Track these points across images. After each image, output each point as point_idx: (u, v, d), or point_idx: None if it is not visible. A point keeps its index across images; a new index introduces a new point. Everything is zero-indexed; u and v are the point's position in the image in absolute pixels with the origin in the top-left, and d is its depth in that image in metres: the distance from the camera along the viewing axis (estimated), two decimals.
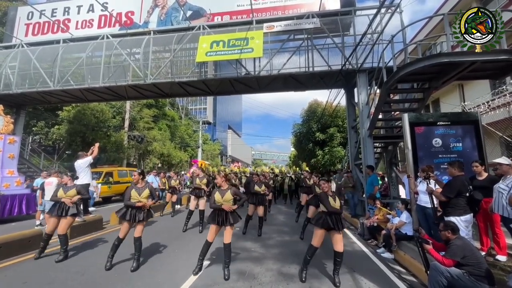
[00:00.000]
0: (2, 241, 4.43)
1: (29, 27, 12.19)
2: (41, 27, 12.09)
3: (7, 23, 12.94)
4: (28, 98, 12.15)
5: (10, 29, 12.42)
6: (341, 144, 16.79)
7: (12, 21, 12.46)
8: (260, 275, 3.91)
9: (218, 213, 3.93)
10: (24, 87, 11.07)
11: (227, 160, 59.57)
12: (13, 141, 9.25)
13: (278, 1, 10.28)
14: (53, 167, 15.28)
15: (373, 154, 7.93)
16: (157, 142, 23.78)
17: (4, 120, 9.42)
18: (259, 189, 6.47)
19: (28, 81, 11.07)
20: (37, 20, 12.11)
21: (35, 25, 12.15)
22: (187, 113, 40.77)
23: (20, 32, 12.13)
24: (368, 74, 8.52)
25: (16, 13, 12.52)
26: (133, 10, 11.32)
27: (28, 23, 12.22)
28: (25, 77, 11.11)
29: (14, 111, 12.87)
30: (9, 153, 9.12)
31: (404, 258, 4.47)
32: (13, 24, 12.37)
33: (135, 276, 3.80)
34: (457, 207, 3.65)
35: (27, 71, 10.90)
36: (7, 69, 11.10)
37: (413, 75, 5.71)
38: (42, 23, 12.05)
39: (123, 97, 12.44)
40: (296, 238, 6.08)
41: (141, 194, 4.20)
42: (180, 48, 10.23)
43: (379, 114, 7.21)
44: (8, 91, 11.03)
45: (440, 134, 5.19)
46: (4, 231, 6.19)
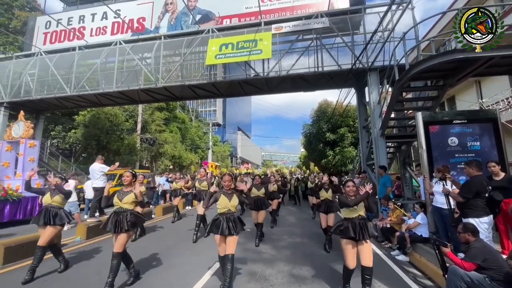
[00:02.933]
0: (24, 241, 4.64)
1: (47, 36, 12.73)
2: (58, 35, 12.60)
3: (27, 33, 13.58)
4: (46, 104, 12.66)
5: (29, 38, 13.02)
6: (352, 144, 16.53)
7: (32, 31, 13.06)
8: (271, 276, 3.90)
9: (225, 220, 3.43)
10: (43, 93, 11.54)
11: (237, 161, 59.79)
12: (33, 145, 9.67)
13: (286, 2, 10.27)
14: (70, 169, 15.83)
15: (385, 154, 7.75)
16: (169, 144, 24.18)
17: (24, 125, 9.88)
18: (257, 192, 5.97)
19: (47, 88, 11.54)
20: (54, 28, 12.63)
21: (52, 34, 12.68)
22: (197, 115, 41.30)
23: (39, 41, 12.69)
24: (379, 72, 8.36)
25: (35, 23, 13.11)
26: (145, 16, 11.61)
27: (46, 32, 12.77)
28: (44, 84, 11.59)
29: (33, 117, 13.45)
30: (30, 156, 9.54)
31: (420, 261, 4.34)
32: (32, 34, 12.96)
33: (148, 277, 3.87)
34: (475, 208, 3.51)
35: (45, 78, 11.37)
36: (27, 77, 11.63)
37: (426, 73, 5.55)
38: (59, 32, 12.55)
39: (136, 101, 12.75)
40: (306, 240, 6.03)
41: (122, 199, 3.48)
42: (190, 51, 10.40)
43: (391, 113, 7.05)
44: (28, 97, 11.55)
45: (456, 133, 5.01)
46: (25, 231, 6.48)
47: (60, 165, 16.39)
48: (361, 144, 9.70)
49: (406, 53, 5.86)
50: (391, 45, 7.67)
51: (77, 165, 17.70)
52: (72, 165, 17.28)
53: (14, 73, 11.91)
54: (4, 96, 11.78)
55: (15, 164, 9.83)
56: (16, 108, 11.74)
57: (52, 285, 3.60)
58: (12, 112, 12.08)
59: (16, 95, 11.72)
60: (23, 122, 10.04)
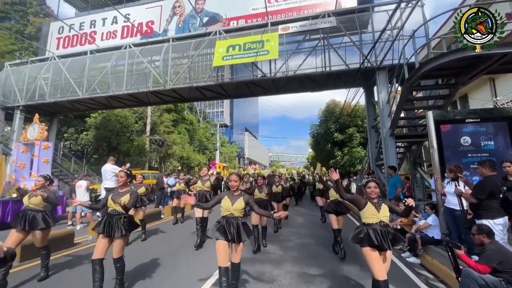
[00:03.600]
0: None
1: (60, 41, 13.13)
2: (71, 40, 12.97)
3: (41, 38, 14.04)
4: (59, 107, 13.04)
5: (43, 43, 13.46)
6: (361, 144, 16.30)
7: (45, 36, 13.50)
8: (279, 277, 3.90)
9: (227, 225, 3.06)
10: (56, 96, 11.90)
11: (245, 162, 59.90)
12: (47, 147, 9.98)
13: (293, 2, 10.26)
14: (82, 170, 16.24)
15: (395, 154, 7.63)
16: (177, 146, 24.48)
17: (39, 128, 10.21)
18: (259, 194, 5.60)
19: (60, 91, 11.89)
20: (67, 34, 13.02)
21: (65, 39, 13.07)
22: (205, 117, 41.66)
23: (52, 45, 13.10)
24: (388, 71, 8.23)
25: (48, 28, 13.55)
26: (153, 20, 11.82)
27: (59, 37, 13.17)
28: (57, 87, 11.95)
29: (47, 119, 13.88)
30: (44, 158, 9.85)
31: (432, 263, 4.24)
32: (46, 39, 13.40)
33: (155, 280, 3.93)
34: (490, 209, 3.41)
35: (58, 81, 11.73)
36: (41, 81, 12.01)
37: (437, 71, 5.43)
38: (71, 36, 12.93)
39: (145, 103, 12.98)
40: (314, 240, 5.98)
41: (116, 200, 3.27)
42: (198, 53, 10.51)
43: (401, 113, 6.92)
44: (42, 101, 11.93)
45: (469, 132, 4.89)
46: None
47: (72, 166, 16.83)
48: (370, 144, 9.57)
49: (416, 51, 5.76)
50: (400, 43, 7.54)
51: (88, 166, 18.13)
52: (84, 166, 17.71)
53: (29, 77, 12.34)
54: (20, 99, 12.21)
55: (31, 165, 10.17)
56: (31, 111, 12.15)
57: (64, 283, 3.70)
58: (27, 115, 12.50)
59: (31, 99, 12.13)
60: (38, 125, 10.38)
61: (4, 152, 11.45)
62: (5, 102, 12.60)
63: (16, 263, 4.23)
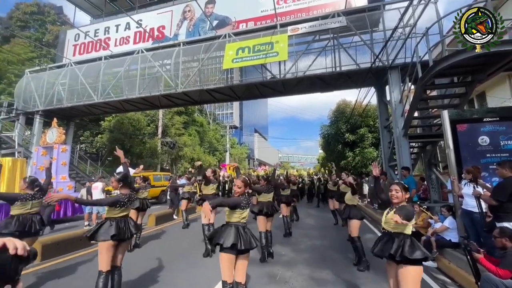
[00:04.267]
0: (60, 239, 5.00)
1: (76, 48, 13.65)
2: (86, 46, 13.46)
3: (58, 45, 14.65)
4: (76, 111, 13.53)
5: (61, 50, 14.02)
6: (373, 145, 15.98)
7: (62, 43, 14.06)
8: (291, 279, 3.88)
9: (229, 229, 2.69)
10: (73, 101, 12.37)
11: (254, 163, 59.97)
12: (65, 150, 10.37)
13: (302, 3, 10.23)
14: (97, 172, 16.76)
15: (409, 155, 7.45)
16: (188, 147, 24.83)
17: (57, 132, 10.64)
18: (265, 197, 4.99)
19: (76, 96, 12.36)
20: (82, 40, 13.51)
21: (81, 45, 13.57)
22: (214, 118, 42.03)
23: (69, 52, 13.64)
24: (401, 70, 8.06)
25: (65, 36, 14.11)
26: (164, 25, 12.09)
27: (75, 44, 13.69)
28: (74, 92, 12.42)
29: (65, 123, 14.43)
30: (62, 160, 10.24)
31: (449, 267, 4.11)
32: (63, 46, 13.96)
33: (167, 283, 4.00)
34: (511, 212, 3.28)
35: (75, 87, 12.19)
36: (59, 86, 12.52)
37: (453, 69, 5.28)
38: (87, 43, 13.41)
39: (157, 106, 13.27)
40: (326, 243, 5.92)
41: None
42: (208, 57, 10.66)
43: (414, 112, 6.76)
44: (60, 106, 12.42)
45: (487, 132, 4.72)
46: (60, 230, 6.96)
47: (88, 168, 17.40)
48: (383, 144, 9.39)
49: (429, 49, 5.61)
50: (413, 41, 7.37)
51: (103, 168, 18.68)
52: (99, 168, 18.26)
53: (47, 83, 12.89)
54: (39, 105, 12.76)
55: None
56: (50, 115, 12.69)
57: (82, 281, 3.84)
58: (46, 119, 13.05)
59: (50, 104, 12.65)
60: (56, 129, 10.82)
61: (25, 155, 12.00)
62: (25, 107, 13.20)
63: (37, 262, 4.43)
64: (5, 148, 12.89)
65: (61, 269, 4.28)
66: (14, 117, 13.83)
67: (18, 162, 8.47)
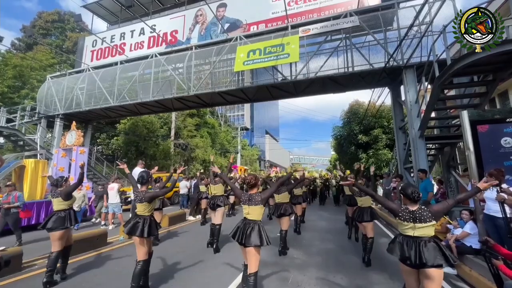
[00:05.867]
0: (76, 239, 5.16)
1: (94, 53, 14.20)
2: (103, 52, 13.97)
3: (77, 51, 15.29)
4: (93, 114, 14.05)
5: (79, 56, 14.63)
6: (387, 146, 15.58)
7: (81, 49, 14.67)
8: (304, 283, 3.84)
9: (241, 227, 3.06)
10: (91, 105, 12.85)
11: (265, 165, 59.87)
12: (83, 152, 10.76)
13: (313, 4, 10.17)
14: (113, 173, 17.29)
15: (425, 157, 7.19)
16: (200, 149, 25.15)
17: (76, 134, 11.06)
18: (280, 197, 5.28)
19: (93, 100, 12.83)
20: (99, 46, 14.04)
21: (98, 51, 14.10)
22: (226, 120, 42.37)
23: (87, 58, 14.20)
24: (416, 70, 7.82)
25: (84, 42, 14.72)
26: (177, 29, 12.36)
27: (93, 50, 14.25)
28: (91, 96, 12.90)
29: (83, 126, 15.01)
30: (80, 162, 10.61)
31: (470, 274, 3.93)
32: (82, 52, 14.56)
33: (181, 279, 4.06)
34: None
35: (92, 91, 12.67)
36: (77, 91, 13.05)
37: (472, 67, 5.07)
38: (104, 49, 13.91)
39: (170, 109, 13.54)
40: (339, 246, 5.81)
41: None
42: (219, 59, 10.78)
43: (431, 113, 6.54)
44: (79, 109, 12.94)
45: (511, 133, 4.49)
46: (76, 230, 7.22)
47: (104, 169, 17.98)
48: (398, 146, 9.13)
49: (447, 47, 5.41)
50: (429, 39, 7.15)
51: (119, 170, 19.25)
52: (115, 169, 18.84)
53: (67, 88, 13.47)
54: (60, 108, 13.35)
55: (69, 169, 11.03)
56: (69, 118, 13.23)
57: (94, 280, 3.95)
58: (66, 122, 13.62)
59: (69, 107, 13.20)
60: (75, 131, 11.26)
61: (46, 157, 12.56)
62: (47, 111, 13.84)
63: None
64: (28, 150, 13.54)
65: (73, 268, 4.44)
66: (36, 121, 14.53)
67: (40, 163, 8.87)
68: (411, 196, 2.48)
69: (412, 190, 2.50)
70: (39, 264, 4.55)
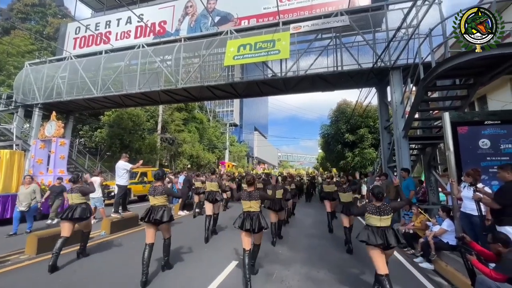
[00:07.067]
0: (56, 233, 4.92)
1: (77, 41, 13.55)
2: (86, 40, 13.36)
3: (59, 38, 14.54)
4: (75, 105, 13.46)
5: (61, 43, 13.92)
6: (372, 146, 16.00)
7: (63, 36, 13.96)
8: (288, 278, 3.87)
9: (247, 218, 3.72)
10: (73, 95, 12.29)
11: (254, 161, 59.98)
12: (64, 143, 10.31)
13: (304, 1, 10.16)
14: (96, 167, 16.72)
15: (408, 156, 7.42)
16: (187, 144, 24.79)
17: (56, 125, 10.57)
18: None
19: (76, 90, 12.28)
20: (83, 34, 13.41)
21: (81, 39, 13.47)
22: (214, 116, 41.96)
23: (69, 45, 13.53)
24: (403, 71, 8.02)
25: (66, 29, 14.00)
26: (166, 20, 12.00)
27: (76, 37, 13.59)
28: (73, 86, 12.34)
29: (64, 117, 14.36)
30: (60, 154, 10.19)
31: (446, 269, 4.11)
32: (63, 39, 13.85)
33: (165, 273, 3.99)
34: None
35: (75, 80, 12.11)
36: (58, 80, 12.44)
37: (455, 70, 5.23)
38: (87, 37, 13.31)
39: (157, 102, 13.20)
40: (323, 242, 5.92)
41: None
42: (209, 53, 10.59)
43: (415, 114, 6.73)
44: (59, 99, 12.35)
45: (488, 135, 4.69)
46: (57, 224, 6.92)
47: (87, 162, 17.35)
48: (382, 145, 9.36)
49: (432, 50, 5.57)
50: (416, 42, 7.33)
51: (102, 163, 18.64)
52: (98, 163, 18.22)
53: (47, 76, 12.80)
54: (39, 97, 12.69)
55: (48, 161, 10.55)
56: (49, 109, 12.62)
57: (78, 275, 3.81)
58: (45, 112, 12.98)
59: (49, 97, 12.57)
60: (55, 122, 10.75)
61: (23, 148, 11.94)
62: (24, 100, 13.12)
63: (33, 255, 4.39)
64: (3, 140, 12.83)
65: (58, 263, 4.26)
66: (13, 109, 13.76)
67: (16, 154, 8.42)
68: (377, 195, 3.22)
69: (378, 190, 3.23)
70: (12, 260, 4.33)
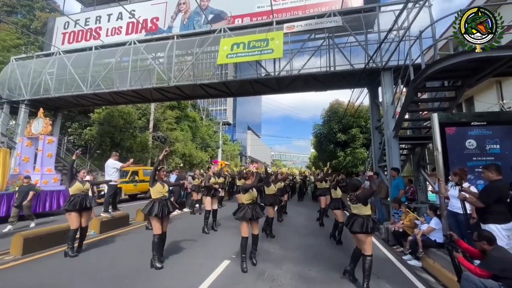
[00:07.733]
0: (42, 233, 4.85)
1: (65, 36, 13.19)
2: (76, 35, 13.02)
3: (47, 33, 14.12)
4: (64, 102, 13.12)
5: (49, 38, 13.52)
6: (364, 145, 16.23)
7: (51, 31, 13.56)
8: (280, 276, 3.89)
9: (248, 210, 4.23)
10: (61, 91, 11.96)
11: (247, 160, 59.93)
12: (52, 141, 10.02)
13: (298, 1, 10.20)
14: (85, 165, 16.36)
15: (398, 156, 7.56)
16: (179, 143, 24.53)
17: (43, 122, 10.26)
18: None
19: (64, 86, 11.95)
20: (72, 29, 13.06)
21: (70, 34, 13.12)
22: (208, 114, 41.66)
23: (58, 40, 13.16)
24: (394, 72, 8.15)
25: (54, 23, 13.61)
26: (158, 16, 11.82)
27: (65, 32, 13.23)
28: (62, 82, 12.00)
29: (52, 114, 13.98)
30: (48, 152, 9.90)
31: (433, 266, 4.21)
32: (51, 34, 13.46)
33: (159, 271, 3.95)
34: (497, 214, 3.34)
35: (63, 76, 11.78)
36: (46, 75, 12.09)
37: (444, 72, 5.36)
38: (77, 32, 12.97)
39: (148, 100, 13.01)
40: (315, 240, 5.97)
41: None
42: (202, 51, 10.49)
43: (405, 114, 6.86)
44: (47, 95, 12.01)
45: (474, 135, 4.82)
46: (44, 224, 6.75)
47: (76, 161, 16.95)
48: (373, 145, 9.51)
49: (422, 52, 5.69)
50: (407, 44, 7.46)
51: (92, 161, 18.26)
52: (87, 161, 17.84)
53: (34, 72, 12.41)
54: (25, 94, 12.30)
55: (34, 159, 10.24)
56: (36, 105, 12.23)
57: (66, 275, 3.73)
58: (32, 109, 12.59)
59: (36, 93, 12.20)
60: (42, 119, 10.43)
61: (9, 145, 11.57)
62: (10, 96, 12.70)
63: (19, 256, 4.26)
64: None
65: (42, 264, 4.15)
66: None
67: (1, 152, 8.14)
68: (352, 187, 3.86)
69: (353, 183, 3.97)
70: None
